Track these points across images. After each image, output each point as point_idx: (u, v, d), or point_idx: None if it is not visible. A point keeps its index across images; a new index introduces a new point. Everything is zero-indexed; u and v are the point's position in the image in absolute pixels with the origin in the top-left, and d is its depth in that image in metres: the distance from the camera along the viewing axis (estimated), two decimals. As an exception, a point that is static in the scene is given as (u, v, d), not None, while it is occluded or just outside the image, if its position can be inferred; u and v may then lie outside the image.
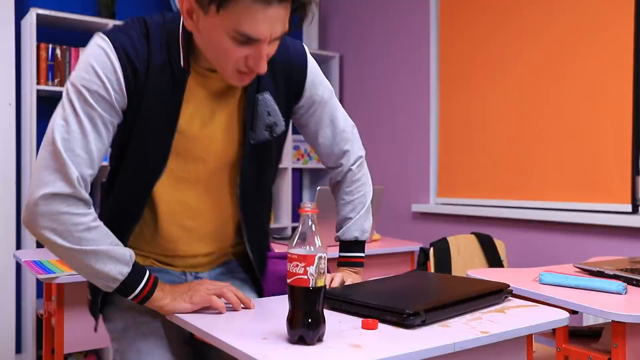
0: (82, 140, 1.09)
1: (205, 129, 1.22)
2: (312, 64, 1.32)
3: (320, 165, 3.94)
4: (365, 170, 1.48)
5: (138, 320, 1.25)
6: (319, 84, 1.34)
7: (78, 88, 1.09)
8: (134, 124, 1.15)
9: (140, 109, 1.14)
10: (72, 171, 1.07)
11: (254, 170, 1.29)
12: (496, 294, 1.28)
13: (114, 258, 1.12)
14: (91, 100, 1.09)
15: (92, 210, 1.13)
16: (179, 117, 1.17)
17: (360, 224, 1.46)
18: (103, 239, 1.12)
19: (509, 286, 1.32)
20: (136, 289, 1.14)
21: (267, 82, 1.25)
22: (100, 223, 1.13)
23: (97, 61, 1.10)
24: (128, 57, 1.11)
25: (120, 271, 1.12)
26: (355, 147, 1.44)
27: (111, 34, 1.13)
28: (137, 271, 1.15)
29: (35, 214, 1.08)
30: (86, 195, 1.11)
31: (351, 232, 1.45)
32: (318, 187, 2.19)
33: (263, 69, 1.10)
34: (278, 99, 1.27)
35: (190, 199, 1.28)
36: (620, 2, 2.45)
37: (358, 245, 1.47)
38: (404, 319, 1.06)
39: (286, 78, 1.28)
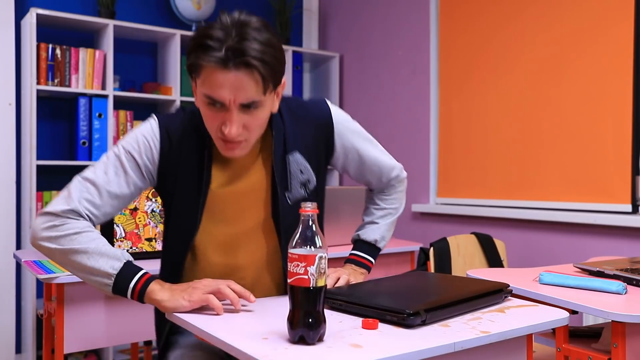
0: (101, 182, 1.25)
1: (235, 191, 1.31)
2: (337, 116, 1.38)
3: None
4: (405, 188, 1.55)
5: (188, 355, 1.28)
6: (349, 132, 1.39)
7: (119, 146, 1.28)
8: (172, 188, 1.29)
9: (177, 175, 1.28)
10: (74, 199, 1.22)
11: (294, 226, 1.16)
12: (496, 293, 1.28)
13: (105, 255, 1.19)
14: (123, 158, 1.26)
15: (89, 222, 1.24)
16: (210, 180, 1.28)
17: (383, 232, 1.51)
18: (95, 241, 1.20)
19: (508, 286, 1.32)
20: (130, 282, 1.18)
21: (295, 142, 1.33)
22: (95, 231, 1.22)
23: (142, 132, 1.29)
24: (168, 134, 1.28)
25: (112, 265, 1.18)
26: (400, 171, 1.52)
27: (160, 116, 1.31)
28: (129, 267, 1.20)
29: (34, 228, 1.23)
30: (83, 215, 1.23)
31: (373, 234, 1.50)
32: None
33: (232, 134, 1.17)
34: (308, 157, 1.34)
35: (230, 259, 1.33)
36: (620, 3, 2.45)
37: (373, 249, 1.51)
38: (404, 318, 1.06)
39: (314, 136, 1.35)
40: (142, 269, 1.21)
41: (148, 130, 1.29)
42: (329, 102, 1.39)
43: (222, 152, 1.24)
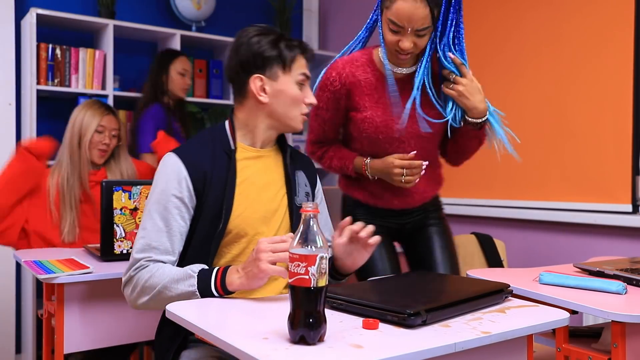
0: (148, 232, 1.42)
1: (260, 195, 1.48)
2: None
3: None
4: None
5: None
6: (320, 187, 1.68)
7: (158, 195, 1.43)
8: (204, 205, 1.43)
9: (210, 192, 1.43)
10: (133, 256, 1.39)
11: None
12: (496, 294, 1.28)
13: (180, 280, 1.32)
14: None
15: (152, 262, 1.38)
16: (235, 188, 1.44)
17: None
18: (164, 274, 1.34)
19: (509, 286, 1.32)
20: (210, 285, 1.30)
21: (299, 167, 1.59)
22: (157, 267, 1.36)
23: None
24: (193, 164, 1.43)
25: (191, 284, 1.31)
26: None
27: (180, 151, 1.46)
28: (204, 274, 1.32)
29: (127, 300, 1.41)
30: (148, 258, 1.38)
31: None
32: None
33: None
34: (307, 180, 1.61)
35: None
36: (621, 4, 2.45)
37: None
38: (404, 319, 1.06)
39: (308, 170, 1.63)
40: (212, 270, 1.32)
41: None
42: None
43: (299, 126, 1.52)
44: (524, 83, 2.83)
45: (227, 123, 1.52)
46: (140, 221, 1.97)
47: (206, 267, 1.35)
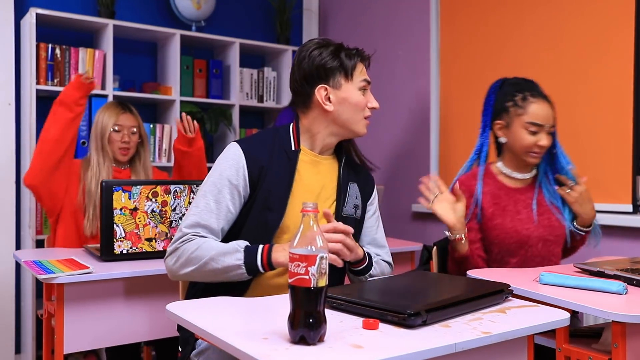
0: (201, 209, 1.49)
1: (311, 198, 1.54)
2: (375, 186, 1.74)
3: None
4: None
5: None
6: (376, 202, 1.74)
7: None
8: (256, 196, 1.50)
9: (264, 185, 1.49)
10: (182, 230, 1.46)
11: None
12: (497, 294, 1.28)
13: (227, 253, 1.39)
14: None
15: (199, 237, 1.44)
16: (292, 186, 1.51)
17: (376, 274, 1.61)
18: (212, 248, 1.40)
19: (509, 286, 1.32)
20: (257, 263, 1.38)
21: (355, 178, 1.65)
22: (207, 239, 1.43)
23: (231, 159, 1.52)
24: (253, 156, 1.51)
25: (237, 258, 1.38)
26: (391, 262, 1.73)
27: (242, 142, 1.54)
28: (251, 249, 1.39)
29: (167, 269, 1.48)
30: (195, 233, 1.44)
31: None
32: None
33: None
34: (359, 191, 1.65)
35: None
36: (621, 5, 2.45)
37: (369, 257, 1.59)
38: (405, 319, 1.06)
39: (364, 183, 1.68)
40: (258, 246, 1.40)
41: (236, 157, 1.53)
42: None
43: (362, 130, 1.60)
44: (524, 83, 2.82)
45: (292, 125, 1.61)
46: (139, 221, 1.98)
47: (250, 245, 1.42)
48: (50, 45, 2.99)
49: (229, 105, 3.55)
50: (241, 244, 1.41)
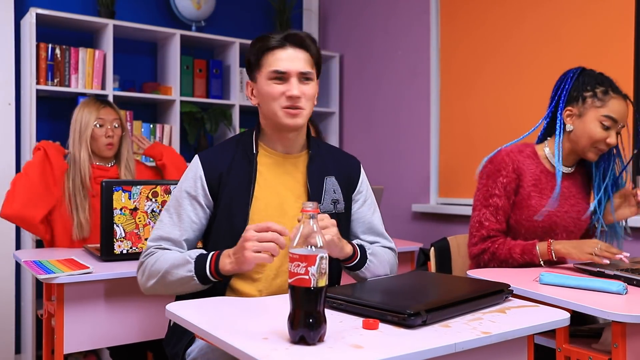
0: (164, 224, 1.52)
1: (276, 199, 1.51)
2: (364, 173, 1.68)
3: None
4: (394, 263, 1.64)
5: None
6: (365, 189, 1.66)
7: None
8: (219, 204, 1.49)
9: (225, 191, 1.49)
10: (148, 244, 1.50)
11: None
12: (497, 294, 1.28)
13: (179, 265, 1.39)
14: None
15: (160, 249, 1.46)
16: (254, 189, 1.49)
17: (373, 254, 1.54)
18: (167, 260, 1.41)
19: (509, 286, 1.32)
20: (206, 271, 1.37)
21: (333, 171, 1.58)
22: (162, 253, 1.44)
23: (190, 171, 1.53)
24: (211, 165, 1.50)
25: (189, 269, 1.38)
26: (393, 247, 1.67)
27: (203, 153, 1.55)
28: (201, 259, 1.39)
29: (138, 281, 1.50)
30: (158, 246, 1.47)
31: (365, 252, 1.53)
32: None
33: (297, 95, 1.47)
34: (340, 185, 1.59)
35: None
36: (621, 4, 2.45)
37: (363, 250, 1.54)
38: (404, 319, 1.06)
39: (346, 175, 1.62)
40: (207, 255, 1.39)
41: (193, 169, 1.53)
42: (361, 164, 1.69)
43: (283, 120, 1.47)
44: (524, 83, 2.82)
45: (254, 130, 1.57)
46: (139, 221, 1.98)
47: (205, 252, 1.42)
48: (50, 45, 2.99)
49: (229, 105, 3.55)
50: (192, 254, 1.40)
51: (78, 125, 2.40)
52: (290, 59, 1.47)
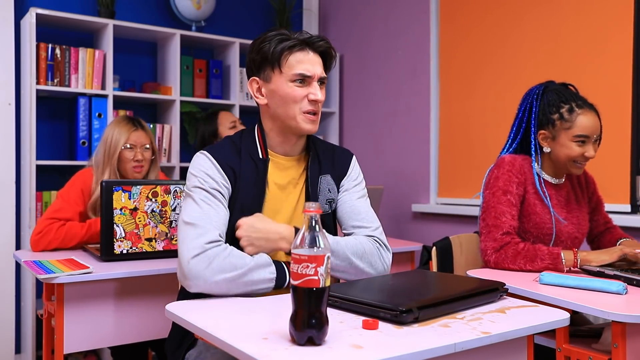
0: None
1: (284, 201, 1.51)
2: (355, 163, 1.64)
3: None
4: (378, 254, 1.50)
5: None
6: (354, 177, 1.62)
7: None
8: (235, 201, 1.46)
9: (236, 197, 1.46)
10: (208, 234, 1.35)
11: None
12: (491, 292, 1.28)
13: (261, 266, 1.34)
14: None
15: (220, 242, 1.35)
16: (266, 193, 1.48)
17: (343, 250, 1.43)
18: (242, 257, 1.33)
19: (504, 285, 1.32)
20: (286, 276, 1.35)
21: (328, 169, 1.56)
22: (231, 248, 1.35)
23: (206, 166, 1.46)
24: (224, 166, 1.46)
25: (271, 271, 1.35)
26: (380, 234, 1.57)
27: (210, 150, 1.49)
28: (276, 264, 1.36)
29: (192, 276, 1.30)
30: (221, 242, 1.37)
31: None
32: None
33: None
34: (335, 182, 1.57)
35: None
36: (620, 4, 2.45)
37: None
38: (397, 315, 1.07)
39: (340, 170, 1.60)
40: (279, 262, 1.38)
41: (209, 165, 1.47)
42: (354, 156, 1.67)
43: (303, 125, 1.46)
44: (524, 82, 2.82)
45: (256, 128, 1.55)
46: (139, 221, 1.98)
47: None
48: (50, 45, 2.99)
49: (229, 105, 3.55)
50: (265, 257, 1.36)
51: (108, 144, 2.35)
52: (311, 62, 1.45)
